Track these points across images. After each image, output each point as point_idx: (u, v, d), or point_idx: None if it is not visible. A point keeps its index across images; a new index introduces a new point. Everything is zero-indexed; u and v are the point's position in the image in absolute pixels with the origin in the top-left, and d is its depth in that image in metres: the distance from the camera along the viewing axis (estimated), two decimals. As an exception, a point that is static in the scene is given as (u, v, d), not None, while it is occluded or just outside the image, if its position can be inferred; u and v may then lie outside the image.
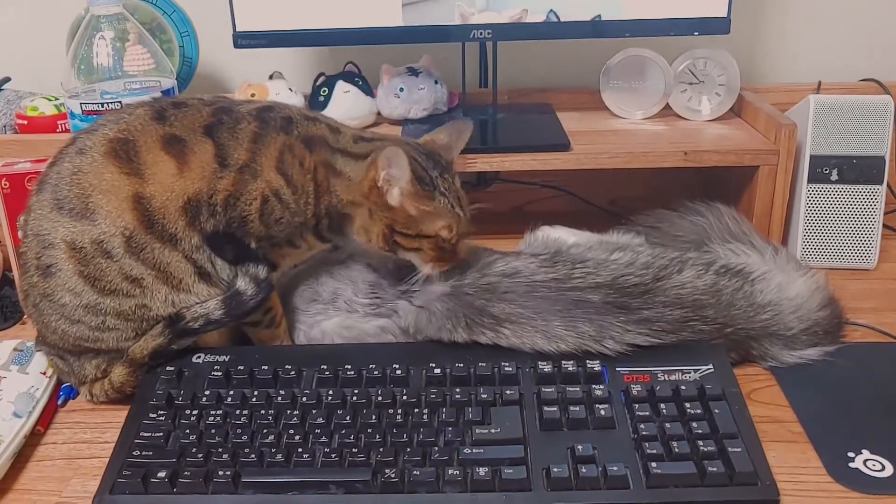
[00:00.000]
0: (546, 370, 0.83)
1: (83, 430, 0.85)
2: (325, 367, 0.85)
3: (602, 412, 0.78)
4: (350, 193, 0.89)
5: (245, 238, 0.87)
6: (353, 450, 0.75)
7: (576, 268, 0.89)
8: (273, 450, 0.76)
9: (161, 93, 1.11)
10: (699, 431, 0.76)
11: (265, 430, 0.78)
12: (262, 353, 0.89)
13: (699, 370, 0.83)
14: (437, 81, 1.26)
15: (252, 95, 1.21)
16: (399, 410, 0.80)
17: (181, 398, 0.82)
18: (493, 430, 0.77)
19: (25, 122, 1.23)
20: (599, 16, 1.14)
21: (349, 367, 0.85)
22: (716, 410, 0.78)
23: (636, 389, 0.81)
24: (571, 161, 1.13)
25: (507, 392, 0.81)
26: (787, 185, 1.12)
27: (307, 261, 0.97)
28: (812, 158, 1.11)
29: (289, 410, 0.80)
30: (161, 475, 0.73)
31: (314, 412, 0.80)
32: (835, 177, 1.11)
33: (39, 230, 0.83)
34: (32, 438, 0.83)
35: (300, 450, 0.76)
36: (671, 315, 0.85)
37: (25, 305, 0.88)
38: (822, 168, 1.11)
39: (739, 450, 0.73)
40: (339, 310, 0.92)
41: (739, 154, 1.13)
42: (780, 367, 0.89)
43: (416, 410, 0.80)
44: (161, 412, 0.81)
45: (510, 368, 0.83)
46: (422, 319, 0.88)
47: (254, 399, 0.82)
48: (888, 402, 0.84)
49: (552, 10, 1.14)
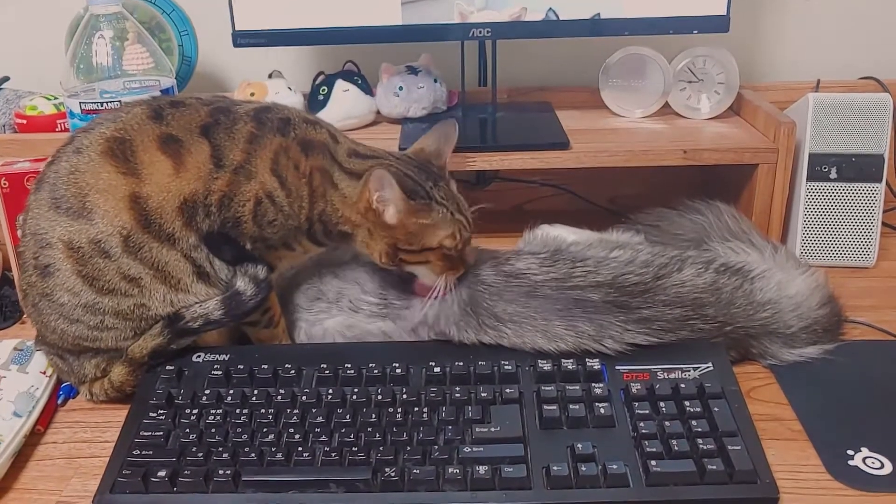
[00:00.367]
0: (546, 369, 0.83)
1: (83, 430, 0.85)
2: (325, 366, 0.85)
3: (602, 410, 0.78)
4: (348, 210, 0.88)
5: (239, 239, 0.86)
6: (354, 448, 0.75)
7: (576, 266, 0.89)
8: (273, 449, 0.76)
9: (160, 92, 1.10)
10: (699, 430, 0.76)
11: (265, 429, 0.78)
12: (262, 353, 0.89)
13: (699, 368, 0.83)
14: (437, 80, 1.26)
15: (251, 94, 1.21)
16: (399, 409, 0.80)
17: (181, 397, 0.82)
18: (493, 429, 0.77)
19: (24, 122, 1.23)
20: (598, 14, 1.14)
21: (349, 366, 0.85)
22: (715, 409, 0.78)
23: (636, 388, 0.81)
24: (571, 160, 1.13)
25: (507, 391, 0.81)
26: (787, 184, 1.12)
27: (305, 263, 0.96)
28: (811, 157, 1.11)
29: (289, 409, 0.80)
30: (161, 474, 0.73)
31: (314, 411, 0.80)
32: (834, 175, 1.11)
33: (37, 230, 0.83)
34: (32, 438, 0.83)
35: (300, 449, 0.76)
36: (671, 314, 0.85)
37: (24, 305, 0.88)
38: (822, 166, 1.11)
39: (739, 448, 0.73)
40: (343, 309, 0.92)
41: (739, 152, 1.13)
42: (780, 366, 0.89)
43: (416, 409, 0.79)
44: (161, 411, 0.81)
45: (510, 367, 0.83)
46: (430, 317, 0.88)
47: (254, 398, 0.82)
48: (887, 400, 0.84)
49: (551, 9, 1.14)
